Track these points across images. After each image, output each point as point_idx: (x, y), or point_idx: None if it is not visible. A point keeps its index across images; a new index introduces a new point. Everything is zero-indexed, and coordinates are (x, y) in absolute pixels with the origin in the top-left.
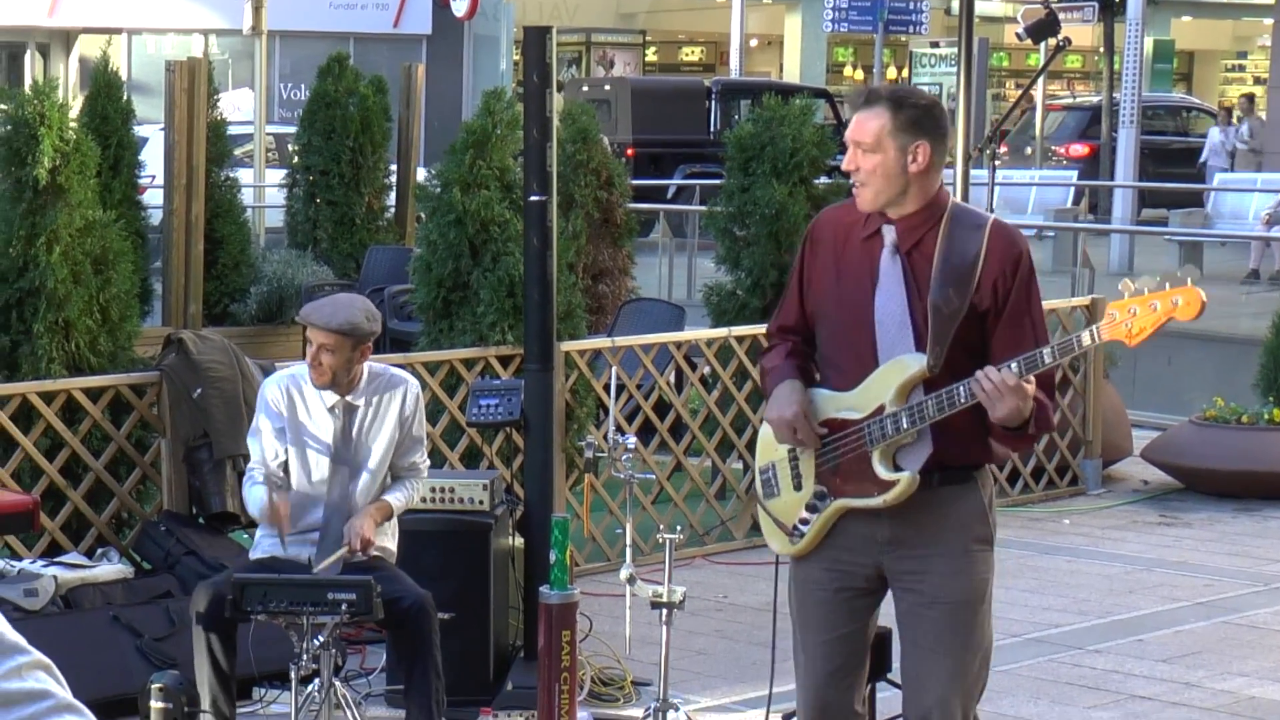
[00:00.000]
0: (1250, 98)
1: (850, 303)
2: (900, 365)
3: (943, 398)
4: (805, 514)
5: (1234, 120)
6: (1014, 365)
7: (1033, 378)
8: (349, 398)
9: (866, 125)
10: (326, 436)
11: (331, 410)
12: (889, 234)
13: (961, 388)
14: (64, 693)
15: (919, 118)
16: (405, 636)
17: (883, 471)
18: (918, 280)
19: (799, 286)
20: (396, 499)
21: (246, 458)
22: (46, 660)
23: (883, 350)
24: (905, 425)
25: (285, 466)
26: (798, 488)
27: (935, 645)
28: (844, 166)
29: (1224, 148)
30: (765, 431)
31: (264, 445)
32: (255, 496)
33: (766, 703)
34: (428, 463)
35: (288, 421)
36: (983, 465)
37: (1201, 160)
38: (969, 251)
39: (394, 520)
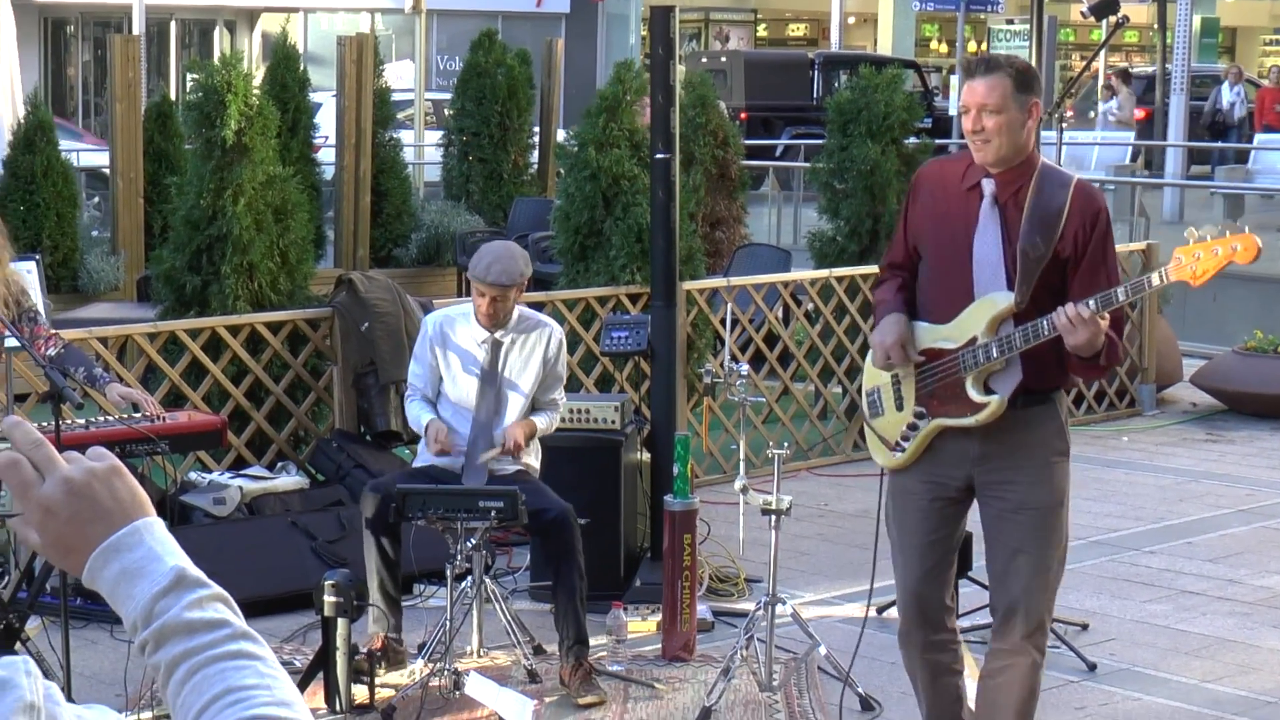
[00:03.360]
0: (1124, 72)
1: (950, 245)
2: (991, 302)
3: (1028, 330)
4: (907, 431)
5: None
6: (1092, 302)
7: (1107, 314)
8: (498, 334)
9: (991, 89)
10: (476, 366)
11: (482, 344)
12: (989, 186)
13: (1045, 321)
14: (240, 622)
15: (1030, 79)
16: (551, 543)
17: (975, 395)
18: (1010, 228)
19: (904, 228)
20: (540, 420)
21: (406, 382)
22: (225, 594)
23: (979, 289)
24: (995, 355)
25: (439, 390)
26: (900, 408)
27: (1021, 546)
28: (967, 128)
29: (1108, 118)
30: (870, 359)
31: (421, 369)
32: (414, 415)
33: (868, 596)
34: (565, 399)
35: (442, 351)
36: (1060, 388)
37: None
38: (1055, 205)
39: (536, 441)
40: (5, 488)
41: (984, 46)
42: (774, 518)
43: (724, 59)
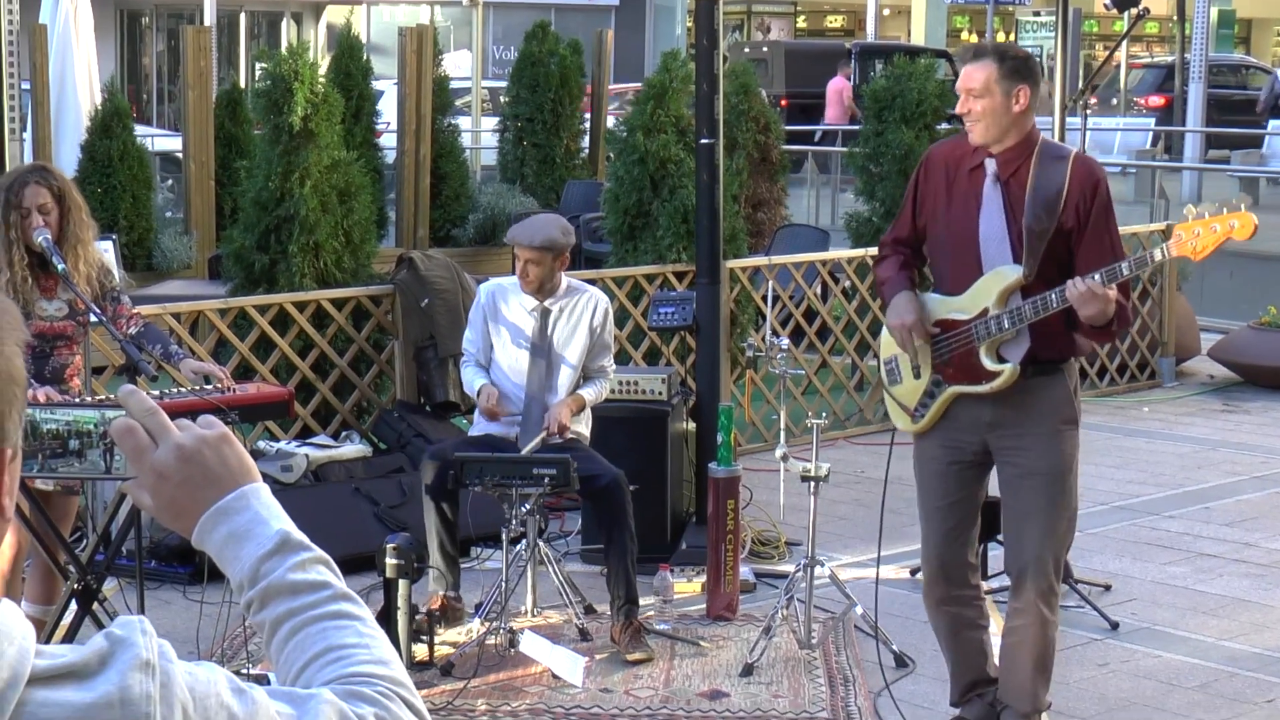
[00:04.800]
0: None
1: (958, 222)
2: (1000, 275)
3: (1038, 302)
4: (925, 398)
5: None
6: (1098, 276)
7: (1114, 286)
8: (546, 302)
9: (977, 75)
10: (526, 334)
11: (531, 312)
12: (990, 166)
13: (1054, 294)
14: (340, 584)
15: (1019, 67)
16: (603, 508)
17: (989, 363)
18: (1013, 204)
19: (912, 205)
20: (588, 392)
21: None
22: (326, 556)
23: (986, 263)
24: (1006, 325)
25: (490, 357)
26: (917, 376)
27: (1031, 509)
28: (958, 110)
29: None
30: (887, 330)
31: (475, 336)
32: (468, 379)
33: (876, 561)
34: (613, 366)
35: (494, 319)
36: (1069, 358)
37: None
38: (1055, 180)
39: (587, 410)
40: (120, 452)
41: (1012, 37)
42: (813, 484)
43: (765, 49)
